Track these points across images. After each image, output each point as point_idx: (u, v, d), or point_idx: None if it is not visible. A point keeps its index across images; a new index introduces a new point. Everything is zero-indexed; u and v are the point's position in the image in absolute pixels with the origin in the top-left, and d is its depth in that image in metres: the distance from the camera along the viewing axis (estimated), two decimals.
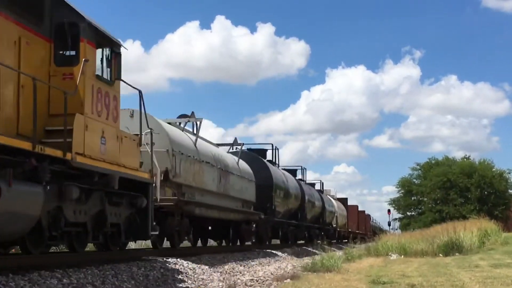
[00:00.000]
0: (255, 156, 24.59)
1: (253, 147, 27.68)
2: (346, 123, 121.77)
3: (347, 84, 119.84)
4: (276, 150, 27.97)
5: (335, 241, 43.02)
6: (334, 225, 41.55)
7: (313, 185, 37.89)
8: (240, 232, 20.63)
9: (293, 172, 32.18)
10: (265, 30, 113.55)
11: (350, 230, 49.76)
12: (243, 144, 22.38)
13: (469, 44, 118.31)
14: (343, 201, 50.49)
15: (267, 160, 26.35)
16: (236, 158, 20.92)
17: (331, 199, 42.42)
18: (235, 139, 22.18)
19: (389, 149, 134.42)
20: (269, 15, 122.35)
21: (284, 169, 29.86)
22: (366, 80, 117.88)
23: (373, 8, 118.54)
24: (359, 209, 61.71)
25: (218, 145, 21.03)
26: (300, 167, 35.18)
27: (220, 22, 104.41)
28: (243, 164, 21.48)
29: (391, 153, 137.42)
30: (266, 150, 27.84)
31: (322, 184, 41.73)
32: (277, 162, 27.92)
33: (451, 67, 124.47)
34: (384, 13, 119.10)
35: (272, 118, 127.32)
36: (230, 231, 20.54)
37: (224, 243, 21.40)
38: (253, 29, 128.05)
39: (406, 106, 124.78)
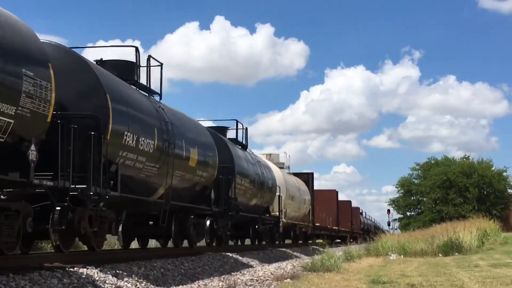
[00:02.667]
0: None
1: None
2: (345, 123, 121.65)
3: (346, 84, 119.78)
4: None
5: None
6: (276, 213, 24.24)
7: (221, 130, 20.11)
8: None
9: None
10: (265, 30, 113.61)
11: (318, 225, 34.86)
12: None
13: (468, 45, 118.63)
14: (305, 178, 32.94)
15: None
16: None
17: (270, 165, 25.05)
18: None
19: (388, 149, 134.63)
20: (269, 16, 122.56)
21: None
22: (365, 80, 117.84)
23: (372, 8, 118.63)
24: (344, 198, 47.62)
25: None
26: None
27: (220, 22, 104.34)
28: None
29: (390, 153, 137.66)
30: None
31: (245, 131, 21.83)
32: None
33: (449, 67, 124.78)
34: (383, 14, 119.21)
35: (271, 118, 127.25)
36: None
37: None
38: (252, 30, 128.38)
39: (405, 106, 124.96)
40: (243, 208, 19.46)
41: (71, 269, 8.89)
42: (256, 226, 22.23)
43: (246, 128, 21.93)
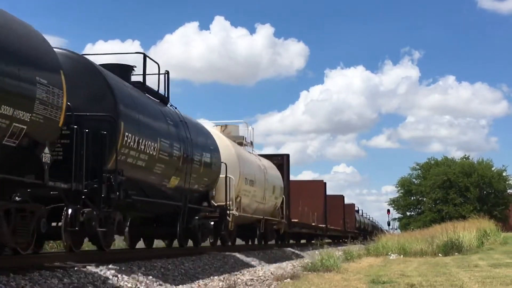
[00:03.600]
0: None
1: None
2: (344, 123, 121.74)
3: (346, 85, 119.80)
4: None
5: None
6: (221, 204, 16.96)
7: (121, 69, 12.82)
8: None
9: None
10: (264, 31, 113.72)
11: (296, 221, 27.62)
12: None
13: (467, 45, 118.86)
14: (278, 161, 25.25)
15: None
16: None
17: (215, 134, 17.68)
18: None
19: (387, 149, 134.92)
20: (268, 16, 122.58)
21: None
22: (365, 81, 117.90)
23: (372, 8, 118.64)
24: (332, 192, 40.64)
25: None
26: None
27: (219, 23, 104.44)
28: None
29: (390, 153, 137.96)
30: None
31: (166, 77, 14.43)
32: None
33: (449, 67, 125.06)
34: (383, 14, 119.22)
35: (271, 119, 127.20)
36: None
37: None
38: (252, 30, 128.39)
39: (404, 106, 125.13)
40: (146, 190, 12.47)
41: (72, 269, 8.89)
42: (188, 221, 14.63)
43: (167, 73, 14.39)
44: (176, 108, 14.70)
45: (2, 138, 7.94)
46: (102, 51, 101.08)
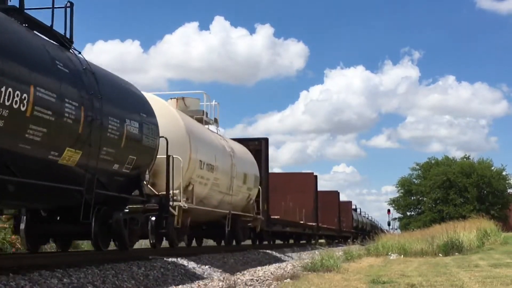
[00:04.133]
0: None
1: None
2: (344, 123, 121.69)
3: (346, 85, 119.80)
4: None
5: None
6: (166, 192, 13.05)
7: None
8: None
9: None
10: (264, 31, 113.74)
11: (277, 218, 24.39)
12: None
13: (467, 45, 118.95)
14: (255, 147, 21.68)
15: None
16: None
17: (157, 102, 13.93)
18: None
19: (387, 149, 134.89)
20: (268, 16, 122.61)
21: None
22: (365, 81, 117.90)
23: (372, 8, 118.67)
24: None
25: None
26: None
27: (219, 23, 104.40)
28: None
29: (390, 153, 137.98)
30: None
31: (68, 12, 10.24)
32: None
33: (449, 67, 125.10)
34: (383, 14, 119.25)
35: (271, 118, 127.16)
36: None
37: None
38: (252, 30, 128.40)
39: (404, 106, 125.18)
40: (12, 166, 8.00)
41: (72, 269, 8.89)
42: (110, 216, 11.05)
43: (71, 6, 10.36)
44: (80, 53, 10.16)
45: None
46: (102, 52, 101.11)
